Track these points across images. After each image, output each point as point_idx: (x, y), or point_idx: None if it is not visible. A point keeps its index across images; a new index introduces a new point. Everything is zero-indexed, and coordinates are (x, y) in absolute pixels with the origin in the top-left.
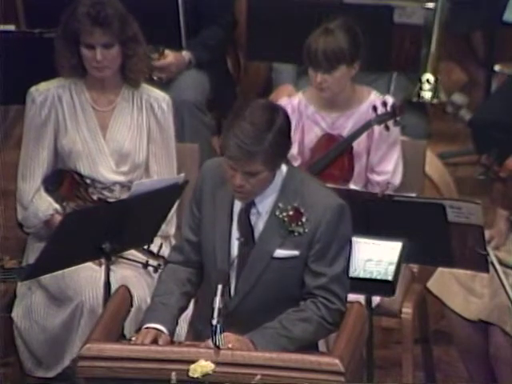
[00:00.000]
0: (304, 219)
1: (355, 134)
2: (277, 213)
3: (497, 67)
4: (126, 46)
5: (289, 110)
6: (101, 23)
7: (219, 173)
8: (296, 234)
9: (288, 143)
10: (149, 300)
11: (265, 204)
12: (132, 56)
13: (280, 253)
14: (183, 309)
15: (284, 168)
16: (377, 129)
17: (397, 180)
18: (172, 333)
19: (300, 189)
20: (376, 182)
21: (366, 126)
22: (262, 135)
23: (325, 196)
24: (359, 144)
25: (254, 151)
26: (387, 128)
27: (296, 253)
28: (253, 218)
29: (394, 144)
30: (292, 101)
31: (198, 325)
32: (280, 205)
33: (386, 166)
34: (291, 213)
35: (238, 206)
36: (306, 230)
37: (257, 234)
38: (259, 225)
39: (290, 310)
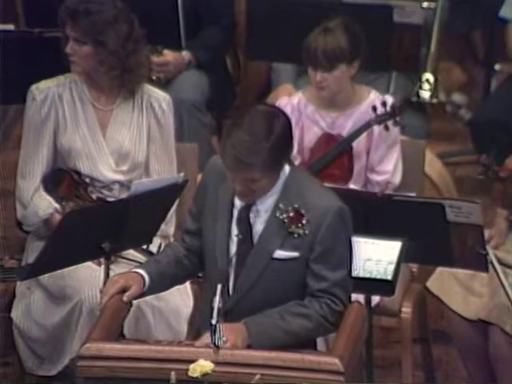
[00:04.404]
0: (304, 221)
1: (355, 134)
2: (277, 214)
3: (497, 66)
4: (96, 49)
5: (288, 110)
6: (70, 16)
7: (223, 169)
8: (296, 235)
9: (288, 148)
10: (148, 299)
11: (265, 203)
12: (102, 62)
13: (280, 254)
14: (173, 276)
15: (287, 168)
16: (376, 129)
17: (396, 180)
18: (154, 287)
19: (301, 190)
20: (376, 182)
21: (366, 126)
22: (259, 146)
23: (326, 198)
24: (359, 144)
25: (252, 162)
26: (387, 128)
27: (296, 254)
28: (252, 216)
29: (394, 144)
30: (292, 100)
31: (199, 323)
32: (281, 206)
33: (385, 166)
34: (292, 214)
35: (238, 202)
36: (307, 232)
37: (255, 232)
38: (258, 224)
39: (293, 302)
